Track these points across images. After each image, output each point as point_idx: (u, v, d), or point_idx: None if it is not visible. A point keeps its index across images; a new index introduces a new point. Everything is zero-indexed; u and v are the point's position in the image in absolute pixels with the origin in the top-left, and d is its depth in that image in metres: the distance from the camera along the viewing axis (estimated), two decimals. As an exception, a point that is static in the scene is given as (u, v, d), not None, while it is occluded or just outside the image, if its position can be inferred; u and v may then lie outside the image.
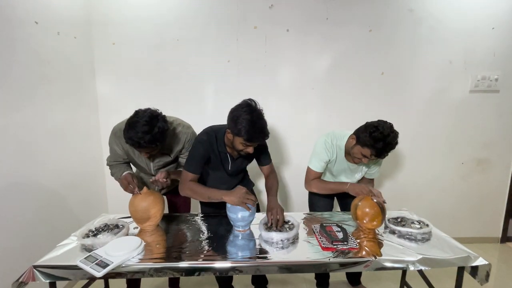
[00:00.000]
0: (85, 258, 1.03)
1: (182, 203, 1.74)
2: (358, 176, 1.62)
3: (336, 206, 1.83)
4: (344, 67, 2.24)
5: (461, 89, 2.31)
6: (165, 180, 1.41)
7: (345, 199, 1.66)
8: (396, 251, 1.13)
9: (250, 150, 1.30)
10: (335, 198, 1.79)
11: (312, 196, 1.75)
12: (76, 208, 1.96)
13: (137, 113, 1.26)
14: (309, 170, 1.61)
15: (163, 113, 1.33)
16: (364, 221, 1.27)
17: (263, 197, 2.41)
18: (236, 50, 2.19)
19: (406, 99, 2.30)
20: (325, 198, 1.72)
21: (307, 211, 1.71)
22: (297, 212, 1.56)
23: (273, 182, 1.51)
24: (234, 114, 1.24)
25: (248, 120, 1.20)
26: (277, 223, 1.27)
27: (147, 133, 1.20)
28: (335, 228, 1.27)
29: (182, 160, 1.52)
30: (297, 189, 1.70)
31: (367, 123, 1.40)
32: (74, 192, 1.96)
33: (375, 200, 1.29)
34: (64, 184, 1.86)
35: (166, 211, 1.70)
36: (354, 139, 1.43)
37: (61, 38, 1.84)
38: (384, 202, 1.32)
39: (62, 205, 1.85)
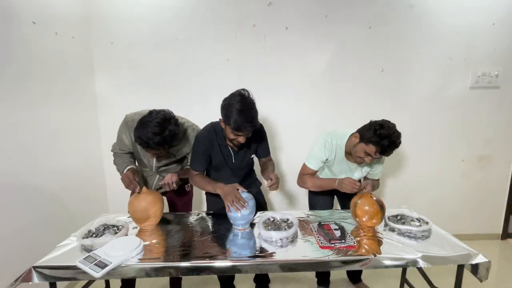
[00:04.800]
0: (84, 258, 1.03)
1: (183, 205, 1.74)
2: (357, 176, 1.62)
3: (336, 205, 1.83)
4: (343, 64, 2.23)
5: (461, 86, 2.30)
6: (174, 186, 1.43)
7: (345, 198, 1.65)
8: (396, 249, 1.13)
9: (241, 139, 1.32)
10: (335, 196, 1.78)
11: (311, 194, 1.75)
12: (76, 208, 1.96)
13: (151, 113, 1.27)
14: (304, 167, 1.61)
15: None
16: (364, 219, 1.27)
17: (271, 197, 2.42)
18: (235, 49, 2.18)
19: (406, 96, 2.29)
20: (325, 197, 1.71)
21: (307, 209, 1.71)
22: (297, 210, 1.55)
23: (268, 164, 1.57)
24: (226, 102, 1.27)
25: (238, 109, 1.22)
26: (271, 187, 1.34)
27: (157, 134, 1.21)
28: (333, 226, 1.27)
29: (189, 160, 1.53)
30: (296, 187, 1.70)
31: (371, 121, 1.40)
32: (74, 192, 1.96)
33: (374, 198, 1.29)
34: (63, 184, 1.86)
35: (166, 210, 1.71)
36: (357, 138, 1.42)
37: (59, 38, 1.84)
38: (370, 192, 1.35)
39: (61, 205, 1.85)
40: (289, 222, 1.31)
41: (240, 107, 1.22)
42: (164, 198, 1.74)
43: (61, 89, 1.86)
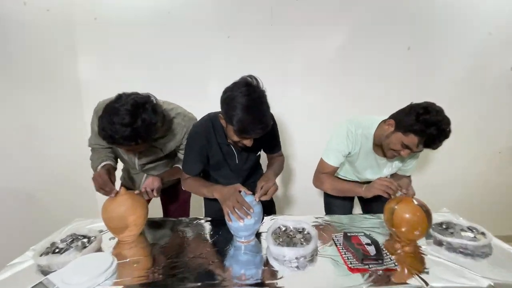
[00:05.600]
0: (33, 287, 0.77)
1: (177, 208, 1.47)
2: (386, 172, 1.33)
3: (356, 207, 1.55)
4: (363, 42, 1.90)
5: (501, 66, 1.96)
6: (155, 194, 1.14)
7: (369, 199, 1.36)
8: (452, 272, 0.84)
9: (247, 142, 1.03)
10: (355, 197, 1.50)
11: (327, 195, 1.47)
12: (58, 213, 1.67)
13: (120, 98, 0.98)
14: (322, 163, 1.32)
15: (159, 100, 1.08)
16: (403, 230, 0.98)
17: (281, 197, 2.16)
18: (237, 24, 1.88)
19: (436, 79, 1.96)
20: (344, 197, 1.43)
21: (322, 213, 1.44)
22: (310, 215, 1.27)
23: (274, 162, 1.31)
24: (228, 95, 0.96)
25: (243, 105, 0.91)
26: (260, 196, 1.05)
27: (127, 125, 0.92)
28: (363, 240, 0.98)
29: (181, 156, 1.25)
30: (309, 186, 1.42)
31: (412, 104, 1.10)
32: (55, 194, 1.71)
33: (416, 203, 1.00)
34: (42, 185, 1.61)
35: (159, 214, 1.46)
36: (391, 125, 1.13)
37: (29, 11, 1.55)
38: (413, 195, 1.10)
39: (39, 210, 1.60)
40: (305, 232, 1.03)
41: (246, 102, 0.91)
42: (157, 198, 1.49)
43: (37, 73, 1.61)
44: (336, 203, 1.48)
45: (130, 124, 0.92)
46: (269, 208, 1.38)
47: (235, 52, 1.91)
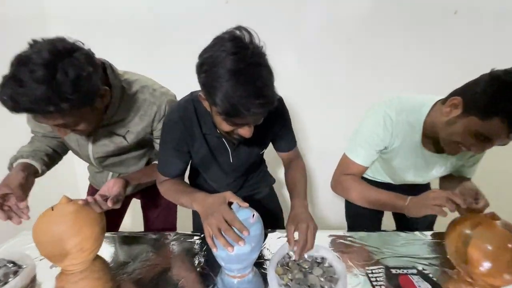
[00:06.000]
0: None
1: (159, 217, 1.15)
2: (436, 174, 0.96)
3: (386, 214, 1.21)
4: (396, 4, 1.51)
5: None
6: (109, 205, 0.78)
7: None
8: None
9: (244, 132, 0.68)
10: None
11: (351, 204, 1.12)
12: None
13: (35, 43, 0.64)
14: (345, 161, 0.96)
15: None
16: (482, 269, 0.63)
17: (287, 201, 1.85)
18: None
19: (491, 51, 1.53)
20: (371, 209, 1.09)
21: (339, 222, 1.13)
22: (327, 230, 0.94)
23: (296, 175, 0.92)
24: (206, 58, 0.60)
25: (230, 70, 0.56)
26: (301, 251, 0.68)
27: (39, 81, 0.59)
28: (417, 282, 0.64)
29: (158, 146, 0.92)
30: (325, 191, 1.10)
31: (492, 71, 0.72)
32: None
33: (499, 224, 0.65)
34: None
35: (136, 224, 1.16)
36: (457, 106, 0.74)
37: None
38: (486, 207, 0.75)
39: None
40: (326, 265, 0.70)
41: (234, 65, 0.56)
42: (138, 202, 1.18)
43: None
44: (361, 211, 1.12)
45: (46, 79, 0.59)
46: (274, 219, 1.06)
47: (234, 18, 1.54)
